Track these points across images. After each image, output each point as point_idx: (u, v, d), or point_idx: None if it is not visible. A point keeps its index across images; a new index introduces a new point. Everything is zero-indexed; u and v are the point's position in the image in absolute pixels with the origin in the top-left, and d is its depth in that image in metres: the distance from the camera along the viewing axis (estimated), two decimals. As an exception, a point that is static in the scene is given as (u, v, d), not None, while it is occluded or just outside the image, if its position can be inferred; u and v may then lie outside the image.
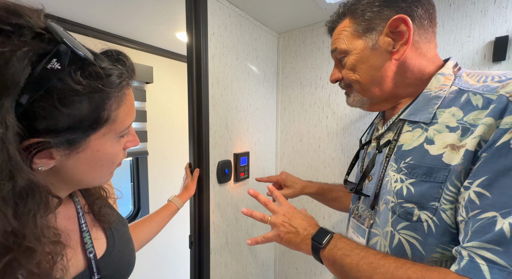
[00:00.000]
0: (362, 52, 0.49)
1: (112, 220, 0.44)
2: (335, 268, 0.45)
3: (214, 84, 0.86)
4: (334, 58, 0.56)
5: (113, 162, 0.37)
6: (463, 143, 0.38)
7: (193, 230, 0.86)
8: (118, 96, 0.33)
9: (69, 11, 0.97)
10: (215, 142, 0.88)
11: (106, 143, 0.34)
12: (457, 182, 0.37)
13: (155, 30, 1.17)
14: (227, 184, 0.96)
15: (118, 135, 0.35)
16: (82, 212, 0.41)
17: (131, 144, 0.40)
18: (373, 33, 0.48)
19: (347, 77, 0.53)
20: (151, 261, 1.54)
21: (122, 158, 0.39)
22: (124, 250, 0.44)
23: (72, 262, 0.37)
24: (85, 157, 0.33)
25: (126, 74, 0.34)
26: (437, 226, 0.39)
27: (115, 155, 0.36)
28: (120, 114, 0.34)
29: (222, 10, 0.87)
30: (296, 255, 1.22)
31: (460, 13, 0.77)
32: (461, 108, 0.41)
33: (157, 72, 1.44)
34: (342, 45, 0.51)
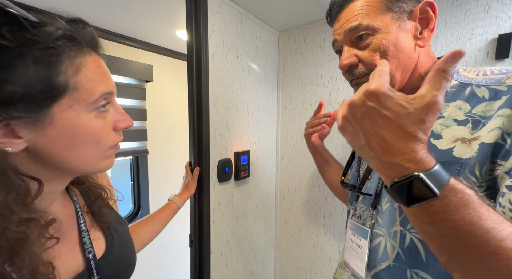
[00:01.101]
0: (393, 31, 0.43)
1: (111, 220, 0.43)
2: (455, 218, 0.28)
3: (215, 83, 0.86)
4: (349, 39, 0.46)
5: (97, 140, 0.33)
6: (475, 135, 0.37)
7: (194, 229, 0.86)
8: (73, 59, 0.30)
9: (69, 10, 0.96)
10: (216, 141, 0.88)
11: (77, 117, 0.31)
12: (470, 176, 0.36)
13: (155, 28, 1.16)
14: (228, 183, 0.95)
15: (92, 108, 0.32)
16: (81, 212, 0.41)
17: (123, 124, 0.36)
18: (403, 12, 0.43)
19: (371, 61, 0.44)
20: (151, 260, 1.54)
21: (114, 139, 0.36)
22: (123, 250, 0.43)
23: (71, 262, 0.36)
24: (57, 134, 0.30)
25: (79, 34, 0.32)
26: None
27: (97, 132, 0.33)
28: (82, 81, 0.31)
29: (222, 8, 0.86)
30: (296, 254, 1.22)
31: (463, 10, 0.76)
32: (467, 101, 0.40)
33: (157, 70, 1.43)
34: (368, 21, 0.43)
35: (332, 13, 0.50)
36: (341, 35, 0.47)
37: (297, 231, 1.21)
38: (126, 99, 1.32)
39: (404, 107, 0.28)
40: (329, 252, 1.10)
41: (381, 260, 0.46)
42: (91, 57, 0.33)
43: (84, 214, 0.41)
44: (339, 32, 0.48)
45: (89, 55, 0.33)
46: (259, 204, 1.15)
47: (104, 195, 0.45)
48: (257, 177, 1.12)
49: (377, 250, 0.47)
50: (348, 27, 0.45)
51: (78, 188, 0.43)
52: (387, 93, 0.29)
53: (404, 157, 0.29)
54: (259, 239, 1.17)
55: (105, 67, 0.35)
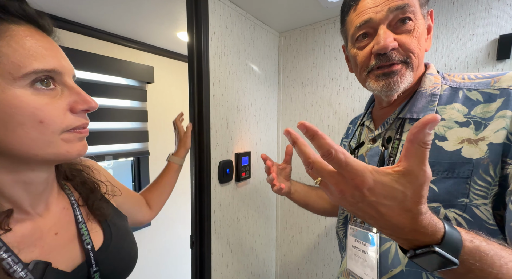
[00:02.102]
0: (423, 25, 0.45)
1: (107, 213, 0.43)
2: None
3: (215, 84, 0.86)
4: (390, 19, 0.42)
5: (40, 120, 0.30)
6: (481, 136, 0.38)
7: (194, 230, 0.86)
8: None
9: (70, 12, 0.97)
10: (216, 142, 0.88)
11: (3, 92, 0.28)
12: (485, 176, 0.37)
13: (156, 30, 1.17)
14: (229, 184, 0.95)
15: (23, 83, 0.29)
16: (77, 204, 0.41)
17: (81, 106, 0.34)
18: (426, 13, 0.46)
19: (411, 47, 0.42)
20: (152, 261, 1.54)
21: (71, 121, 0.33)
22: (122, 243, 0.43)
23: (69, 254, 0.36)
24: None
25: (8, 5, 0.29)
26: (470, 222, 0.38)
27: (36, 110, 0.29)
28: (5, 52, 0.28)
29: (223, 9, 0.86)
30: (297, 255, 1.22)
31: (464, 10, 0.76)
32: (463, 104, 0.42)
33: (158, 72, 1.44)
34: (414, 5, 0.42)
35: None
36: (382, 13, 0.42)
37: (298, 232, 1.21)
38: (127, 101, 1.33)
39: (399, 190, 0.26)
40: (330, 253, 1.10)
41: (392, 266, 0.45)
42: (24, 29, 0.30)
43: (80, 206, 0.41)
44: (378, 10, 0.42)
45: (19, 26, 0.30)
46: (260, 205, 1.15)
47: (98, 189, 0.45)
48: (258, 178, 1.12)
49: (387, 255, 0.46)
50: (394, 5, 0.41)
51: (71, 183, 0.43)
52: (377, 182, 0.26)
53: (416, 233, 0.27)
54: (260, 240, 1.17)
55: (49, 43, 0.32)
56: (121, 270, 0.42)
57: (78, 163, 0.46)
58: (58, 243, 0.36)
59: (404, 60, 0.44)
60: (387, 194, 0.26)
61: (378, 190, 0.26)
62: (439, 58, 0.81)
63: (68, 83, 0.34)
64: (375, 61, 0.45)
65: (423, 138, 0.24)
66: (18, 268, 0.30)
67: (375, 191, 0.26)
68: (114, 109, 1.26)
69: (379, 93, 0.49)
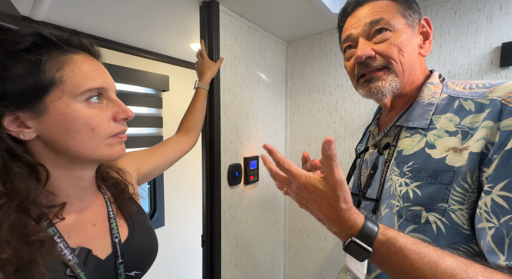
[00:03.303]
0: (408, 34, 0.47)
1: (132, 211, 0.49)
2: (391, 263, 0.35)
3: (225, 92, 0.92)
4: (367, 32, 0.48)
5: (91, 127, 0.37)
6: (465, 145, 0.40)
7: (205, 229, 0.91)
8: (57, 57, 0.35)
9: (96, 29, 1.08)
10: (226, 146, 0.94)
11: (67, 106, 0.35)
12: (463, 183, 0.39)
13: (171, 42, 1.25)
14: (238, 187, 1.00)
15: (81, 98, 0.36)
16: (109, 202, 0.48)
17: (122, 115, 0.41)
18: (413, 21, 0.48)
19: (389, 53, 0.46)
20: (166, 260, 1.60)
21: (114, 129, 0.40)
22: (144, 237, 0.49)
23: (102, 244, 0.42)
24: (53, 122, 0.35)
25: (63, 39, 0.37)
26: (447, 226, 0.40)
27: (89, 119, 0.36)
28: (68, 75, 0.35)
29: (233, 23, 0.93)
30: (305, 258, 1.24)
31: (466, 19, 0.78)
32: (456, 114, 0.43)
33: (173, 80, 1.53)
34: (390, 18, 0.46)
35: (348, 9, 0.53)
36: (359, 28, 0.49)
37: (305, 235, 1.23)
38: (144, 108, 1.42)
39: (322, 190, 0.36)
40: (337, 257, 1.11)
41: None
42: (81, 57, 0.38)
43: (111, 204, 0.48)
44: (356, 26, 0.49)
45: (78, 55, 0.38)
46: (268, 207, 1.19)
47: (127, 190, 0.52)
48: (266, 181, 1.16)
49: None
50: (369, 20, 0.48)
51: (105, 184, 0.50)
52: (307, 182, 0.37)
53: (341, 226, 0.37)
54: (268, 242, 1.20)
55: (98, 66, 0.40)
56: (142, 262, 0.48)
57: (114, 166, 0.53)
58: (95, 234, 0.42)
59: (385, 66, 0.48)
60: (314, 191, 0.37)
61: (309, 187, 0.37)
62: (443, 66, 0.82)
63: (111, 97, 0.41)
64: (357, 69, 0.51)
65: (326, 154, 0.34)
66: (67, 252, 0.36)
67: (307, 188, 0.37)
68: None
69: (368, 98, 0.53)
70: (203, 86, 0.82)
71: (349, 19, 0.52)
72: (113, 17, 0.97)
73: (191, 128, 0.78)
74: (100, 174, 0.49)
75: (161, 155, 0.67)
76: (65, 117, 0.35)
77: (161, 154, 0.67)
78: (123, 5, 0.89)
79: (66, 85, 0.35)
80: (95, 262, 0.39)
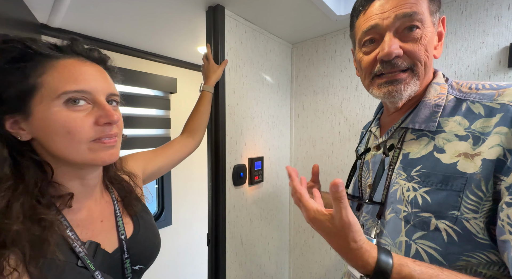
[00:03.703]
0: (432, 33, 0.44)
1: (138, 210, 0.52)
2: None
3: (231, 94, 0.94)
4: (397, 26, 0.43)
5: (67, 131, 0.36)
6: (477, 151, 0.38)
7: (210, 228, 0.93)
8: (41, 63, 0.36)
9: (108, 34, 1.12)
10: (231, 147, 0.96)
11: (48, 110, 0.36)
12: (477, 191, 0.37)
13: (178, 45, 1.29)
14: (242, 187, 1.02)
15: (59, 102, 0.36)
16: (116, 201, 0.50)
17: (104, 119, 0.39)
18: (436, 19, 0.45)
19: (418, 54, 0.43)
20: (173, 259, 1.64)
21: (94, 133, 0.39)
22: (148, 234, 0.51)
23: (110, 239, 0.45)
24: (38, 125, 0.36)
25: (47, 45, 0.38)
26: (459, 234, 0.38)
27: (65, 122, 0.36)
28: (47, 80, 0.36)
29: (238, 27, 0.95)
30: (310, 259, 1.24)
31: (473, 20, 0.77)
32: (465, 117, 0.42)
33: (181, 83, 1.56)
34: (423, 14, 0.42)
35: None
36: (388, 19, 0.43)
37: (310, 236, 1.24)
38: (153, 109, 1.46)
39: (330, 228, 0.37)
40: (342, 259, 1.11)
41: None
42: (69, 61, 0.38)
43: (118, 202, 0.50)
44: (386, 16, 0.43)
45: (66, 60, 0.38)
46: (273, 208, 1.20)
47: (134, 191, 0.54)
48: (271, 182, 1.17)
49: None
50: (401, 12, 0.42)
51: (113, 184, 0.53)
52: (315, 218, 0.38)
53: (353, 263, 0.37)
54: (272, 242, 1.21)
55: (86, 70, 0.39)
56: (146, 256, 0.50)
57: (124, 170, 0.55)
58: (103, 229, 0.45)
59: (409, 67, 0.44)
60: (322, 228, 0.38)
61: (316, 223, 0.39)
62: (449, 66, 0.82)
63: (98, 101, 0.40)
64: (379, 67, 0.46)
65: (334, 196, 0.35)
66: (77, 245, 0.38)
67: (315, 224, 0.39)
68: (141, 117, 1.39)
69: (383, 100, 0.50)
70: (208, 89, 0.84)
71: (374, 3, 0.45)
72: (124, 22, 1.01)
73: (195, 130, 0.81)
74: (109, 175, 0.52)
75: (166, 156, 0.69)
76: (45, 120, 0.36)
77: (166, 155, 0.70)
78: (134, 11, 0.93)
79: (45, 89, 0.36)
80: (103, 255, 0.42)
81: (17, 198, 0.34)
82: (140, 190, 0.57)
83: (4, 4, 0.69)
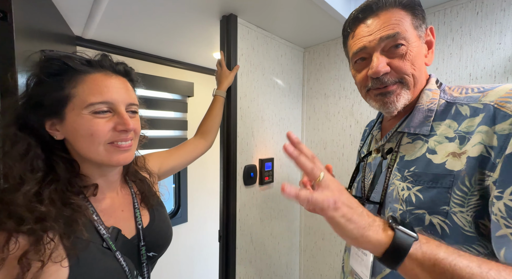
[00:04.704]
0: (418, 46, 0.47)
1: (153, 203, 0.58)
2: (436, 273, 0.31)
3: (242, 98, 0.99)
4: (382, 46, 0.47)
5: (90, 133, 0.43)
6: (463, 149, 0.41)
7: (222, 225, 0.98)
8: (74, 78, 0.43)
9: (132, 43, 1.23)
10: (242, 148, 1.00)
11: (77, 116, 0.43)
12: (462, 186, 0.40)
13: (195, 51, 1.37)
14: (253, 187, 1.06)
15: (84, 111, 0.43)
16: (135, 194, 0.57)
17: (121, 126, 0.45)
18: (422, 32, 0.49)
19: (405, 69, 0.47)
20: (188, 253, 1.72)
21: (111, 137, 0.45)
22: (162, 225, 0.58)
23: (128, 227, 0.51)
24: (69, 127, 0.43)
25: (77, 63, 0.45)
26: (450, 228, 0.41)
27: (90, 126, 0.43)
28: (78, 92, 0.43)
29: (250, 34, 1.00)
30: (320, 262, 1.24)
31: (489, 20, 0.75)
32: (454, 120, 0.45)
33: (197, 87, 1.65)
34: (405, 32, 0.46)
35: (360, 15, 0.50)
36: (374, 42, 0.47)
37: (321, 238, 1.24)
38: (172, 112, 1.55)
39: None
40: (353, 261, 1.10)
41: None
42: (98, 75, 0.45)
43: (136, 196, 0.57)
44: (371, 38, 0.48)
45: (95, 74, 0.45)
46: (283, 208, 1.22)
47: (152, 187, 0.61)
48: (281, 182, 1.20)
49: None
50: (385, 34, 0.46)
51: (133, 180, 0.60)
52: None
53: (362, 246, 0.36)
54: (283, 243, 1.23)
55: (111, 82, 0.46)
56: (160, 245, 0.56)
57: (146, 168, 0.63)
58: (123, 217, 0.51)
59: (399, 81, 0.48)
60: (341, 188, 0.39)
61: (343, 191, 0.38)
62: (464, 68, 0.80)
63: (118, 110, 0.46)
64: (371, 83, 0.50)
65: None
66: (102, 228, 0.45)
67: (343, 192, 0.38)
68: (161, 119, 1.49)
69: (380, 110, 0.54)
70: (220, 94, 0.89)
71: (360, 26, 0.50)
72: (146, 32, 1.11)
73: (208, 132, 0.86)
74: (129, 171, 0.59)
75: (179, 156, 0.76)
76: (75, 124, 0.43)
77: (179, 155, 0.76)
78: (156, 23, 1.01)
79: (76, 100, 0.43)
80: (123, 240, 0.48)
81: (48, 185, 0.41)
82: (157, 187, 0.63)
83: (49, 22, 0.80)
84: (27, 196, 0.39)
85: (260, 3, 0.86)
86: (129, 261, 0.47)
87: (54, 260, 0.38)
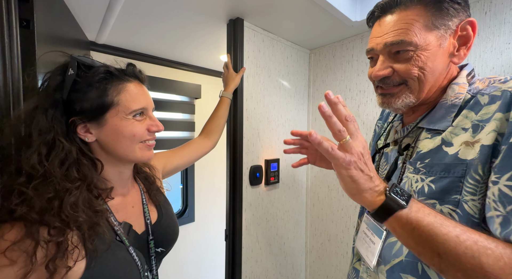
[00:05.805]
0: (433, 49, 0.45)
1: (160, 200, 0.61)
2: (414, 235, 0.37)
3: (248, 99, 1.01)
4: (387, 51, 0.48)
5: (133, 134, 0.49)
6: (477, 138, 0.40)
7: (228, 224, 1.00)
8: (116, 85, 0.48)
9: (142, 47, 1.27)
10: (248, 149, 1.02)
11: (120, 121, 0.48)
12: (475, 175, 0.40)
13: (203, 54, 1.40)
14: (259, 187, 1.07)
15: (128, 116, 0.49)
16: (143, 191, 0.60)
17: (154, 128, 0.53)
18: (447, 30, 0.45)
19: (408, 73, 0.47)
20: (195, 252, 1.74)
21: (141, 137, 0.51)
22: (169, 221, 0.60)
23: (138, 223, 0.54)
24: (109, 131, 0.47)
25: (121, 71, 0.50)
26: (460, 216, 0.41)
27: (132, 129, 0.49)
28: (121, 99, 0.48)
29: (256, 37, 1.02)
30: (327, 263, 1.24)
31: (497, 20, 0.74)
32: (472, 110, 0.44)
33: (204, 89, 1.68)
34: (412, 38, 0.45)
35: (375, 13, 0.51)
36: (380, 45, 0.48)
37: (327, 239, 1.24)
38: (180, 114, 1.59)
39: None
40: (359, 263, 1.10)
41: (395, 256, 0.50)
42: (133, 84, 0.51)
43: (144, 193, 0.60)
44: (378, 42, 0.48)
45: (131, 83, 0.50)
46: (289, 209, 1.23)
47: (155, 182, 0.64)
48: (287, 183, 1.21)
49: (392, 247, 0.50)
50: (390, 40, 0.46)
51: (139, 176, 0.63)
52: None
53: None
54: (289, 243, 1.24)
55: (143, 90, 0.52)
56: (167, 240, 0.58)
57: (151, 168, 0.66)
58: (133, 213, 0.54)
59: (401, 82, 0.48)
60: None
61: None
62: (472, 68, 0.79)
63: (149, 114, 0.53)
64: (376, 82, 0.53)
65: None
66: (116, 224, 0.47)
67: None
68: (169, 121, 1.53)
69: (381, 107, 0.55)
70: (226, 95, 0.92)
71: (375, 25, 0.51)
72: (155, 36, 1.15)
73: (212, 132, 0.88)
74: (136, 169, 0.62)
75: (183, 155, 0.78)
76: (117, 127, 0.48)
77: (184, 154, 0.79)
78: (166, 27, 1.05)
79: (120, 106, 0.48)
80: (134, 234, 0.51)
81: (82, 194, 0.44)
82: (160, 182, 0.66)
83: (66, 28, 0.84)
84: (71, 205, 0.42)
85: (266, 7, 0.88)
86: (141, 255, 0.50)
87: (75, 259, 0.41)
